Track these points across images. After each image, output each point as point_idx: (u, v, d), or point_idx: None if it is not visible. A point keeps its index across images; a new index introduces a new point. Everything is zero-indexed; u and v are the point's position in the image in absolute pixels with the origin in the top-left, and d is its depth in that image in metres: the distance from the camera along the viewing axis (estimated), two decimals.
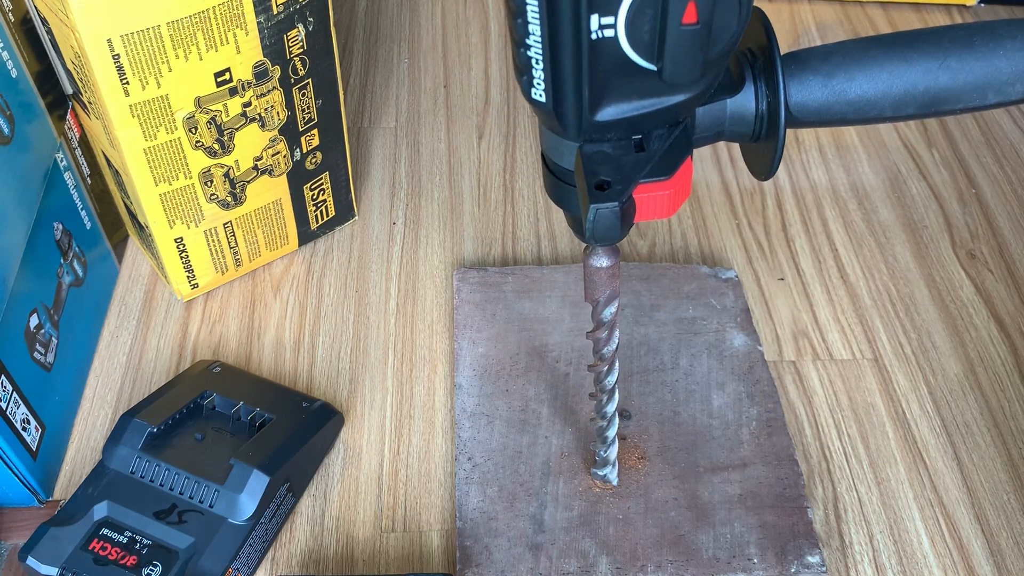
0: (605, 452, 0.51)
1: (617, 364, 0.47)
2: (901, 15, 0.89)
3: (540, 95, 0.36)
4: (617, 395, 0.49)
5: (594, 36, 0.34)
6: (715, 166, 0.75)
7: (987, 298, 0.66)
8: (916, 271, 0.67)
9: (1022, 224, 0.71)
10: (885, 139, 0.77)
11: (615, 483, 0.53)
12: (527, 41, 0.34)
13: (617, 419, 0.50)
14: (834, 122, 0.41)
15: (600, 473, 0.52)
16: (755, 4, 0.39)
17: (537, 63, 0.35)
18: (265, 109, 0.57)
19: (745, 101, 0.40)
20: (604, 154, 0.37)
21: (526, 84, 0.36)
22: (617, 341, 0.46)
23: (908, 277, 0.67)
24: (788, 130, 0.40)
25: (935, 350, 0.63)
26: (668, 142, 0.38)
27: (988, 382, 0.61)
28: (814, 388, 0.60)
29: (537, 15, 0.33)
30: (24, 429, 0.51)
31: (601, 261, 0.43)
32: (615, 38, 0.34)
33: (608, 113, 0.36)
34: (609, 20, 0.34)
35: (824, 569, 0.50)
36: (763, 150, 0.41)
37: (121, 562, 0.47)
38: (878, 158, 0.76)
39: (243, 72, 0.55)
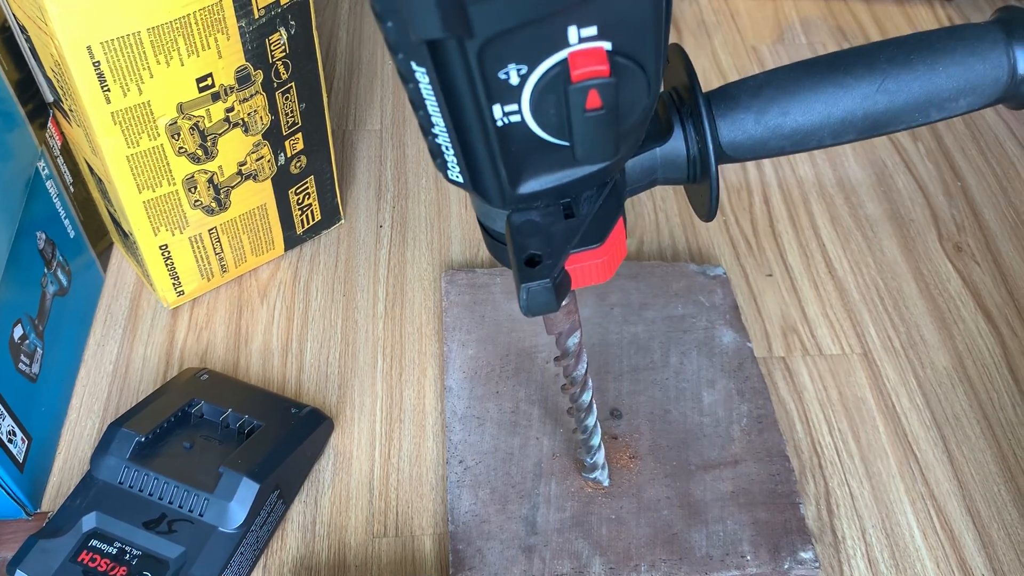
0: (591, 460, 0.51)
1: (590, 383, 0.47)
2: (884, 9, 0.90)
3: (457, 176, 0.35)
4: (595, 409, 0.49)
5: (500, 123, 0.33)
6: None
7: (974, 290, 0.66)
8: (903, 265, 0.68)
9: (1007, 216, 0.71)
10: None
11: (607, 484, 0.53)
12: (433, 131, 0.33)
13: (599, 428, 0.50)
14: (771, 155, 0.39)
15: (591, 476, 0.52)
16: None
17: (448, 149, 0.34)
18: (248, 114, 0.57)
19: (676, 146, 0.38)
20: (533, 223, 0.36)
21: (441, 167, 0.35)
22: (586, 364, 0.46)
23: (896, 271, 0.67)
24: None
25: (923, 343, 0.63)
26: (598, 203, 0.36)
27: (977, 374, 0.61)
28: (804, 384, 0.60)
29: (437, 108, 0.32)
30: (10, 441, 0.51)
31: None
32: (522, 122, 0.33)
33: (530, 186, 0.35)
34: (513, 107, 0.32)
35: (817, 564, 0.50)
36: (700, 191, 0.40)
37: (111, 573, 0.46)
38: (864, 152, 0.76)
39: (225, 77, 0.54)
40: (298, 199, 0.64)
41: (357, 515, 0.54)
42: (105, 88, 0.50)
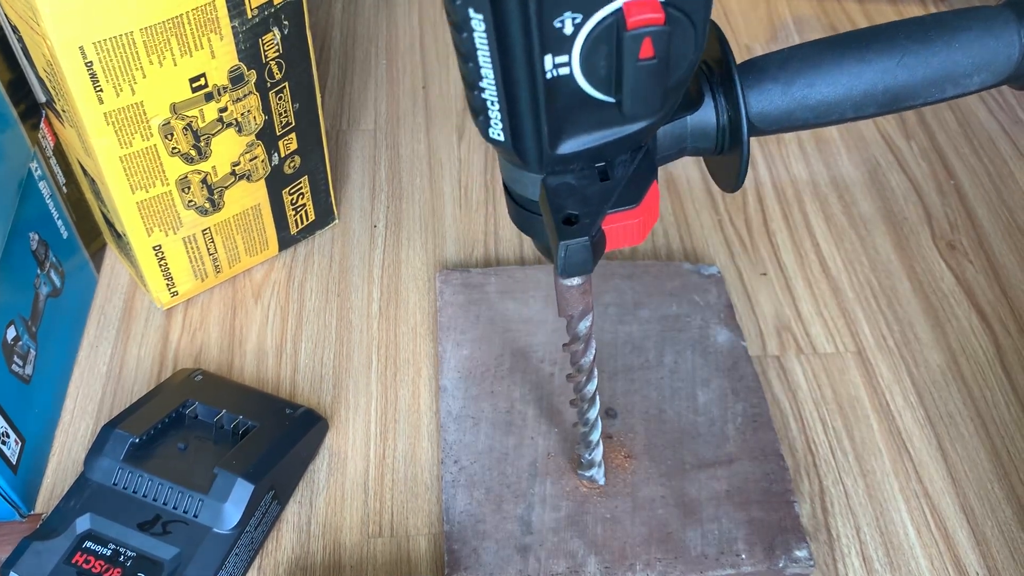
0: (589, 455, 0.51)
1: (596, 373, 0.47)
2: (877, 8, 0.90)
3: (498, 134, 0.35)
4: (598, 402, 0.49)
5: (549, 75, 0.33)
6: (696, 163, 0.75)
7: (967, 288, 0.66)
8: (897, 263, 0.68)
9: (1000, 214, 0.71)
10: (864, 132, 0.78)
11: (602, 483, 0.53)
12: (480, 84, 0.33)
13: (600, 423, 0.50)
14: (797, 127, 0.40)
15: (586, 474, 0.52)
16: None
17: (492, 104, 0.34)
18: (242, 114, 0.57)
19: (706, 116, 0.39)
20: (569, 186, 0.37)
21: (483, 124, 0.35)
22: (594, 352, 0.46)
23: (889, 269, 0.67)
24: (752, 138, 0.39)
25: (917, 341, 0.63)
26: (632, 167, 0.37)
27: (970, 372, 0.61)
28: (798, 382, 0.60)
29: (489, 59, 0.33)
30: (3, 443, 0.51)
31: (572, 280, 0.42)
32: (571, 75, 0.33)
33: (569, 146, 0.35)
34: (563, 59, 0.33)
35: (812, 563, 0.50)
36: (728, 162, 0.40)
37: (105, 575, 0.46)
38: (857, 151, 0.76)
39: (219, 77, 0.54)
40: (292, 199, 0.64)
41: (352, 515, 0.54)
42: (98, 88, 0.50)
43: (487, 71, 0.33)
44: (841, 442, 0.58)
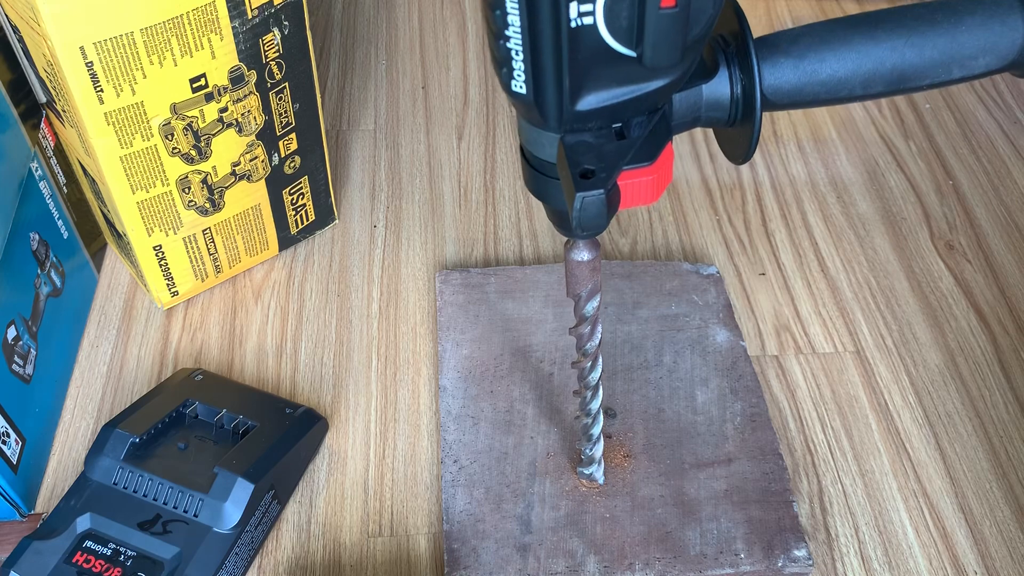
0: (591, 450, 0.51)
1: (600, 360, 0.47)
2: (875, 8, 0.90)
3: (520, 87, 0.36)
4: (601, 392, 0.49)
5: (573, 24, 0.34)
6: (695, 162, 0.75)
7: (966, 288, 0.66)
8: (896, 263, 0.68)
9: (999, 214, 0.72)
10: (863, 132, 0.78)
11: (601, 482, 0.53)
12: (506, 32, 0.34)
13: (602, 416, 0.50)
14: (806, 103, 0.41)
15: (586, 472, 0.52)
16: None
17: (517, 54, 0.35)
18: (242, 114, 0.57)
19: (720, 86, 0.40)
20: (586, 144, 0.38)
21: (506, 76, 0.36)
22: (600, 336, 0.46)
23: (888, 269, 0.67)
24: (763, 116, 0.40)
25: (916, 341, 0.63)
26: (648, 129, 0.38)
27: (969, 372, 0.61)
28: (797, 382, 0.61)
29: (516, 5, 0.34)
30: (4, 442, 0.51)
31: (582, 255, 0.43)
32: (594, 25, 0.34)
33: (588, 102, 0.36)
34: (588, 7, 0.34)
35: (811, 562, 0.50)
36: (739, 134, 0.42)
37: (105, 574, 0.46)
38: (856, 151, 0.76)
39: (219, 77, 0.54)
40: (292, 199, 0.64)
41: (352, 515, 0.54)
42: (98, 89, 0.50)
43: (513, 18, 0.34)
44: (840, 442, 0.58)
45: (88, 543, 0.48)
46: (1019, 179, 0.74)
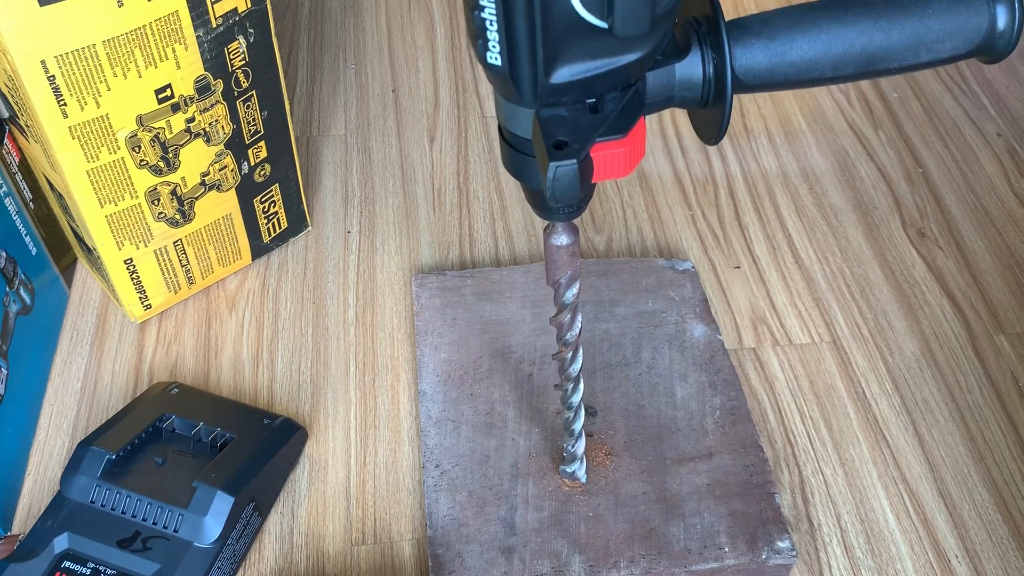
0: (573, 446, 0.51)
1: (581, 351, 0.47)
2: None
3: (496, 58, 0.37)
4: (583, 385, 0.49)
5: None
6: (667, 158, 0.75)
7: (938, 275, 0.67)
8: (869, 252, 0.68)
9: (968, 200, 0.72)
10: (832, 122, 0.78)
11: (584, 480, 0.53)
12: (480, 3, 0.35)
13: (583, 411, 0.50)
14: (778, 84, 0.42)
15: (568, 470, 0.52)
16: None
17: (491, 24, 0.36)
18: (209, 124, 0.56)
19: (692, 66, 0.41)
20: (560, 117, 0.38)
21: (481, 48, 0.37)
22: (580, 326, 0.47)
23: (861, 258, 0.68)
24: (734, 106, 0.41)
25: (891, 329, 0.64)
26: (621, 104, 0.39)
27: (944, 358, 0.62)
28: (775, 374, 0.61)
29: None
30: None
31: (561, 239, 0.43)
32: None
33: (562, 75, 0.37)
34: None
35: (794, 553, 0.51)
36: (712, 115, 0.43)
37: None
38: (826, 142, 0.77)
39: (185, 87, 0.54)
40: (263, 207, 0.64)
41: (335, 524, 0.53)
42: (61, 102, 0.49)
43: None
44: (819, 432, 0.58)
45: (67, 564, 0.47)
46: (986, 164, 0.75)
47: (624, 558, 0.50)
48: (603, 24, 0.35)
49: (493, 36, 0.36)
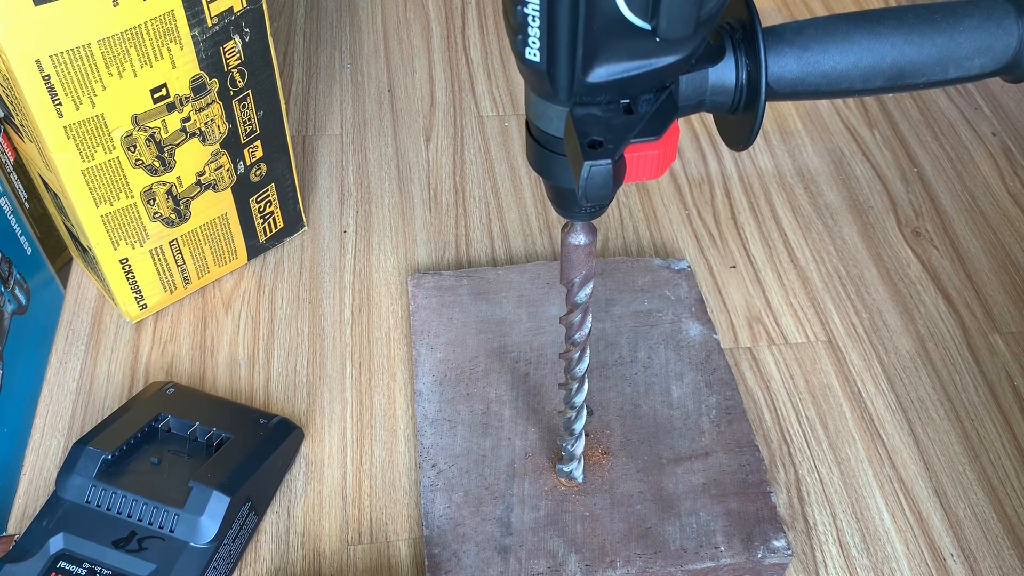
0: (572, 447, 0.51)
1: (588, 351, 0.47)
2: (838, 0, 0.91)
3: (534, 55, 0.37)
4: (587, 386, 0.49)
5: None
6: None
7: (934, 274, 0.67)
8: (864, 251, 0.69)
9: (963, 200, 0.72)
10: (828, 122, 0.78)
11: (580, 480, 0.53)
12: None
13: (585, 412, 0.50)
14: (808, 94, 0.42)
15: (566, 469, 0.52)
16: None
17: (534, 20, 0.35)
18: (205, 123, 0.56)
19: (726, 71, 0.41)
20: (594, 116, 0.38)
21: (520, 44, 0.36)
22: (590, 327, 0.46)
23: (856, 258, 0.68)
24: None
25: (886, 328, 0.64)
26: (655, 107, 0.39)
27: (939, 357, 0.62)
28: (771, 373, 0.61)
29: None
30: None
31: (579, 239, 0.43)
32: None
33: (599, 74, 0.37)
34: None
35: (790, 552, 0.51)
36: (741, 121, 0.43)
37: None
38: (822, 141, 0.77)
39: (180, 87, 0.53)
40: (259, 207, 0.64)
41: (331, 523, 0.53)
42: (56, 102, 0.49)
43: None
44: (815, 431, 0.58)
45: (62, 564, 0.47)
46: (981, 164, 0.75)
47: (620, 557, 0.50)
48: (646, 25, 0.36)
49: (534, 32, 0.36)
